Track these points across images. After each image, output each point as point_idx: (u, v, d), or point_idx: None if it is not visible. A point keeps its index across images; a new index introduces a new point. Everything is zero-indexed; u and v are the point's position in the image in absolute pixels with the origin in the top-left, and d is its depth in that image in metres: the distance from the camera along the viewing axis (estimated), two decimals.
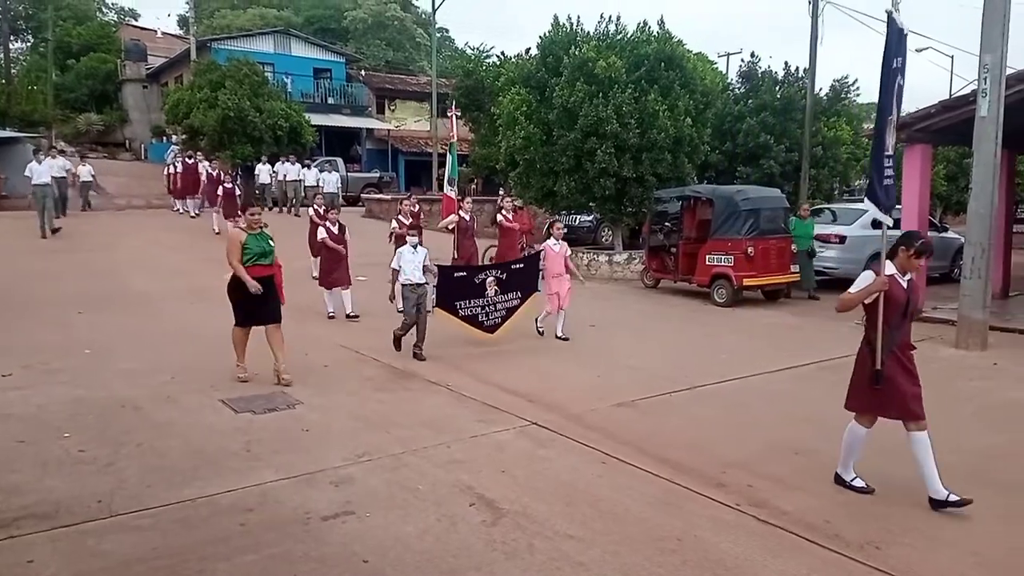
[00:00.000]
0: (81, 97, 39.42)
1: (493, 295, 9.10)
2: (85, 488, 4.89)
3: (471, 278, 9.10)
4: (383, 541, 4.28)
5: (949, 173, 23.52)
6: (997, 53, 9.25)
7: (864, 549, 4.31)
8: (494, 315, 9.17)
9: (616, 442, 6.00)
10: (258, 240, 7.29)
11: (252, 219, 7.31)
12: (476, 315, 9.03)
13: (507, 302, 9.29)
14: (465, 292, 8.92)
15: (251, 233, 7.28)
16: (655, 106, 15.14)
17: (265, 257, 7.29)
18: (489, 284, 9.08)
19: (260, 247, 7.26)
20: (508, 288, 9.26)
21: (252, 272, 7.15)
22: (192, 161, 22.06)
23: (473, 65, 30.27)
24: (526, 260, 10.01)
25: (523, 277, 9.51)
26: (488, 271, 9.41)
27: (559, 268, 9.74)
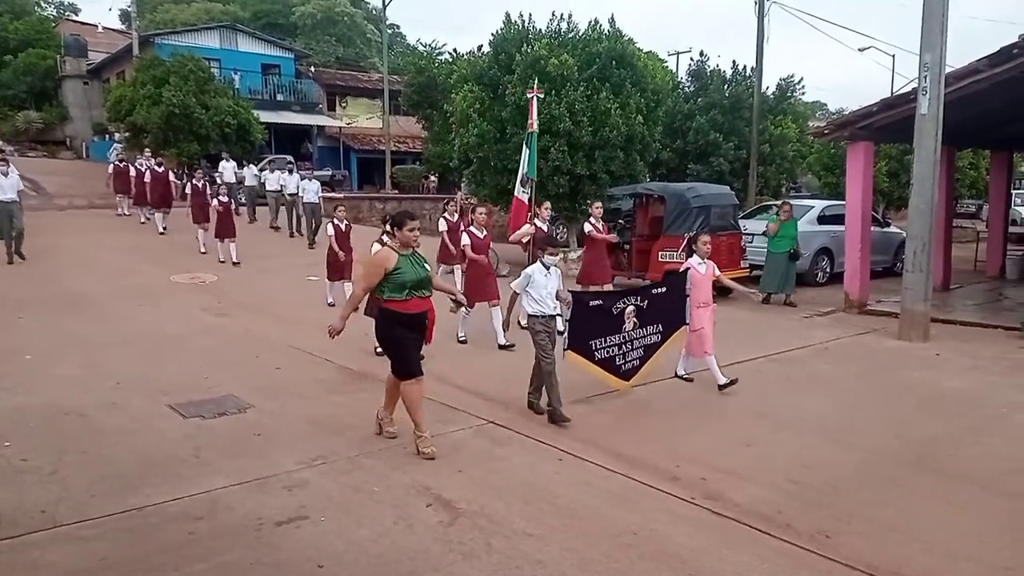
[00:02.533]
0: (19, 94, 38.10)
1: (631, 329, 7.11)
2: (28, 498, 4.72)
3: (608, 307, 7.02)
4: (338, 545, 4.22)
5: (891, 170, 24.20)
6: (937, 52, 9.53)
7: (815, 539, 4.41)
8: (631, 356, 7.18)
9: (572, 439, 6.02)
10: (413, 263, 5.55)
11: (410, 234, 5.54)
12: (613, 357, 7.03)
13: (646, 338, 7.29)
14: (602, 327, 6.93)
15: (403, 254, 5.53)
16: (607, 104, 15.25)
17: (422, 287, 5.59)
18: (628, 315, 7.08)
19: (416, 273, 5.52)
20: (648, 320, 7.28)
21: (408, 307, 5.50)
22: (163, 169, 19.32)
23: (425, 62, 30.15)
24: (670, 283, 7.80)
25: (667, 305, 7.48)
26: (627, 298, 7.21)
27: (705, 295, 7.62)
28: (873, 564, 4.11)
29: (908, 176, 12.06)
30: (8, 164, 13.90)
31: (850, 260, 12.31)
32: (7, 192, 13.55)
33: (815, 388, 7.83)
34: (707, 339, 7.43)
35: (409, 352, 5.57)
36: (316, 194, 17.97)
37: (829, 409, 7.02)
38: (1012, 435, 6.38)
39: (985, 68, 9.99)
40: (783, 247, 12.58)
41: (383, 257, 5.53)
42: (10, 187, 13.63)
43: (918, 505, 4.92)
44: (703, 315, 7.48)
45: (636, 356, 7.20)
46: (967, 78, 10.19)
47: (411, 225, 5.55)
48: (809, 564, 4.14)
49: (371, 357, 8.68)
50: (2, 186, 13.58)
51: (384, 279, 5.47)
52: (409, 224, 5.55)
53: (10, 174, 13.70)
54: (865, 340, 9.94)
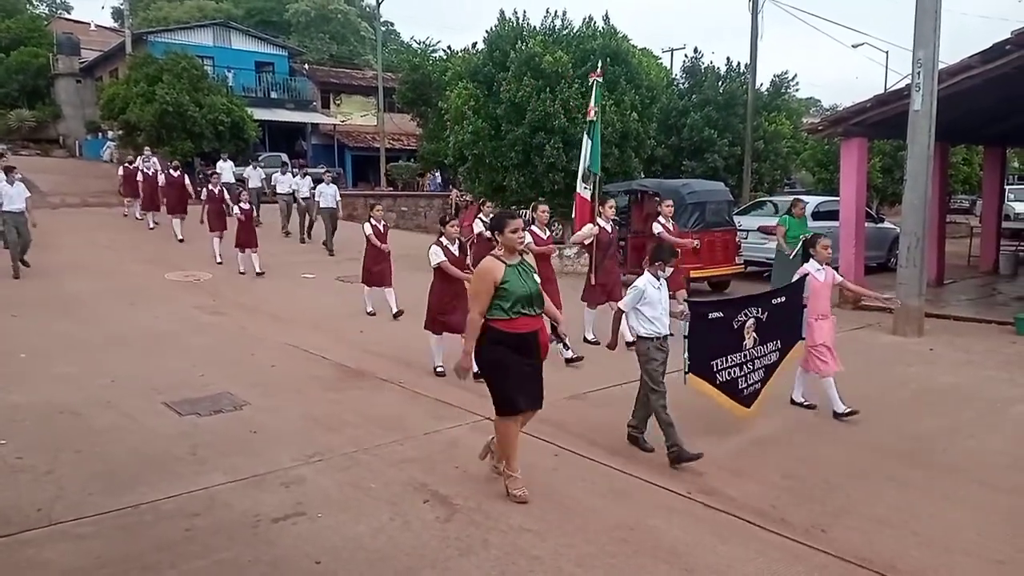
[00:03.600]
0: (12, 93, 37.90)
1: (752, 346, 6.14)
2: (23, 496, 4.71)
3: (729, 320, 5.99)
4: (336, 542, 4.22)
5: (885, 165, 24.27)
6: (930, 48, 9.56)
7: (810, 532, 4.43)
8: (753, 378, 6.19)
9: (569, 435, 6.04)
10: (521, 276, 4.73)
11: (514, 236, 4.70)
12: (736, 379, 6.05)
13: (766, 356, 6.31)
14: (723, 344, 5.98)
15: (510, 263, 4.71)
16: (601, 101, 15.24)
17: (532, 304, 4.75)
18: (748, 330, 6.09)
19: (525, 287, 4.70)
20: (768, 335, 6.28)
21: (514, 327, 4.68)
22: (178, 173, 18.09)
23: (419, 59, 30.13)
24: (788, 292, 6.71)
25: (785, 317, 6.48)
26: (748, 310, 6.16)
27: (824, 306, 6.69)
28: (868, 558, 4.13)
29: (902, 172, 12.09)
30: (16, 172, 12.95)
31: (844, 256, 12.34)
32: (15, 202, 12.51)
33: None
34: (828, 356, 6.55)
35: (511, 380, 4.69)
36: (334, 198, 16.91)
37: (823, 404, 7.03)
38: (1006, 430, 6.42)
39: (978, 64, 10.03)
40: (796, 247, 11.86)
41: (489, 269, 4.66)
42: (18, 197, 12.58)
43: (913, 500, 4.94)
44: (823, 329, 6.59)
45: (757, 378, 6.23)
46: (960, 74, 10.22)
47: (513, 226, 4.72)
48: (804, 558, 4.16)
49: (367, 354, 8.70)
50: (10, 196, 12.49)
51: None
52: (511, 225, 4.72)
53: (17, 183, 12.68)
54: (859, 335, 9.98)
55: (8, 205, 12.40)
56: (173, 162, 19.70)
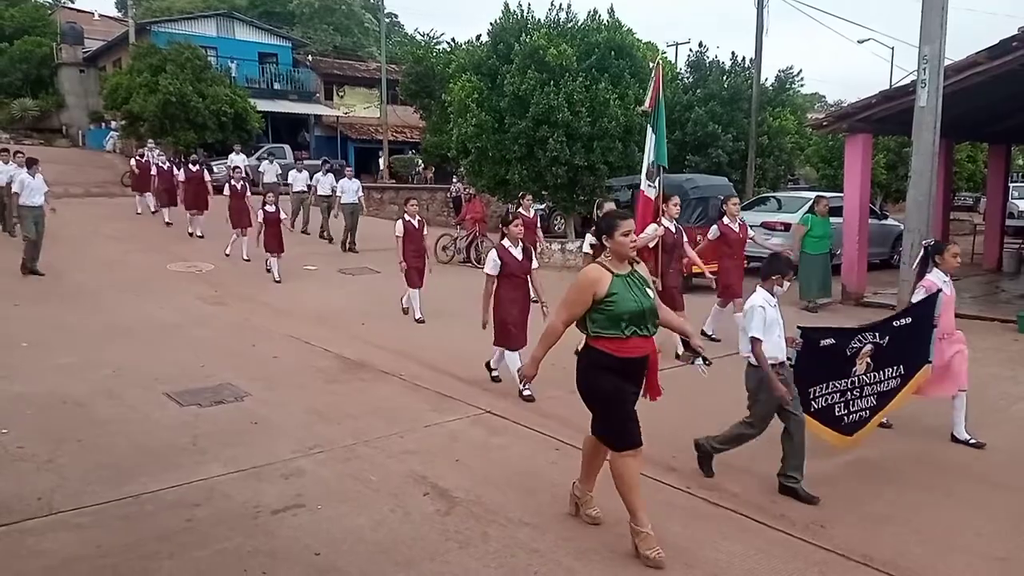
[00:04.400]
0: (15, 82, 37.83)
1: (863, 372, 5.46)
2: (24, 486, 4.72)
3: (842, 348, 5.34)
4: (335, 533, 4.23)
5: (889, 162, 24.21)
6: (936, 44, 9.51)
7: (810, 528, 4.42)
8: (858, 405, 5.50)
9: (570, 429, 6.01)
10: (631, 288, 3.99)
11: (625, 240, 3.99)
12: (832, 407, 5.38)
13: (881, 383, 5.61)
14: (826, 371, 5.35)
15: (618, 273, 3.99)
16: (606, 95, 15.23)
17: (644, 322, 3.99)
18: (862, 356, 5.42)
19: (637, 301, 3.96)
20: (887, 360, 5.57)
21: (624, 350, 3.96)
22: (197, 168, 17.15)
23: (423, 51, 30.04)
24: (917, 312, 5.84)
25: (911, 340, 5.72)
26: (865, 335, 5.45)
27: (950, 321, 5.99)
28: (868, 555, 4.13)
29: (906, 168, 12.06)
30: (38, 165, 12.25)
31: (847, 252, 12.32)
32: (35, 196, 11.82)
33: None
34: (957, 374, 5.88)
35: (623, 410, 4.02)
36: (356, 194, 16.16)
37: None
38: (1009, 427, 6.40)
39: (984, 61, 9.98)
40: (821, 248, 11.29)
41: (592, 278, 3.97)
42: (38, 190, 11.91)
43: (914, 497, 4.93)
44: (951, 347, 5.87)
45: (866, 405, 5.53)
46: (966, 71, 10.18)
47: (625, 228, 3.99)
48: (804, 554, 4.15)
49: (369, 346, 8.68)
50: (32, 189, 11.79)
51: (592, 308, 3.96)
52: (623, 227, 3.98)
53: (37, 176, 12.00)
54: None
55: (28, 199, 11.79)
56: (191, 155, 19.13)
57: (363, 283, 13.34)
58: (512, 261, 6.95)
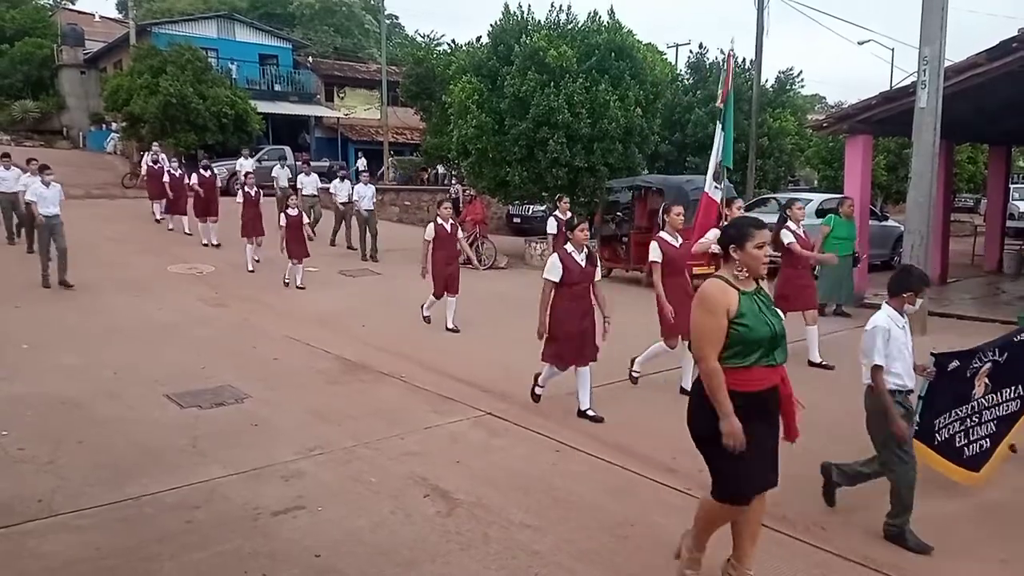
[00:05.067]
0: (16, 83, 37.88)
1: (982, 394, 4.92)
2: (25, 487, 4.72)
3: (963, 369, 4.77)
4: (336, 535, 4.23)
5: (889, 163, 24.20)
6: (936, 45, 9.51)
7: (811, 530, 4.42)
8: (977, 433, 4.95)
9: (570, 431, 6.03)
10: (758, 308, 3.48)
11: (759, 255, 3.45)
12: (953, 437, 4.84)
13: (1000, 406, 5.08)
14: (952, 396, 4.81)
15: (745, 291, 3.47)
16: (606, 96, 15.20)
17: (775, 349, 3.51)
18: (980, 377, 4.85)
19: (767, 326, 3.46)
20: (1006, 380, 5.05)
21: (751, 382, 3.43)
22: (209, 174, 16.45)
23: (423, 53, 30.00)
24: None
25: None
26: (984, 354, 4.86)
27: None
28: (870, 556, 4.12)
29: (906, 170, 12.04)
30: (50, 172, 11.60)
31: None
32: (49, 206, 11.24)
33: (812, 382, 7.83)
34: None
35: (743, 456, 3.36)
36: (372, 199, 15.59)
37: (826, 403, 7.00)
38: None
39: (984, 62, 9.98)
40: (845, 250, 10.52)
41: (718, 298, 3.41)
42: (52, 199, 11.33)
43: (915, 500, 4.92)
44: None
45: (985, 433, 4.99)
46: (966, 72, 10.17)
47: (759, 239, 3.44)
48: (805, 555, 4.15)
49: (369, 348, 8.68)
50: (44, 198, 11.24)
51: None
52: (756, 237, 3.44)
53: (53, 185, 11.43)
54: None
55: (43, 208, 11.18)
56: (201, 160, 18.46)
57: (363, 285, 13.34)
58: (576, 268, 6.20)
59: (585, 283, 6.31)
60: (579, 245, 6.33)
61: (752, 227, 3.49)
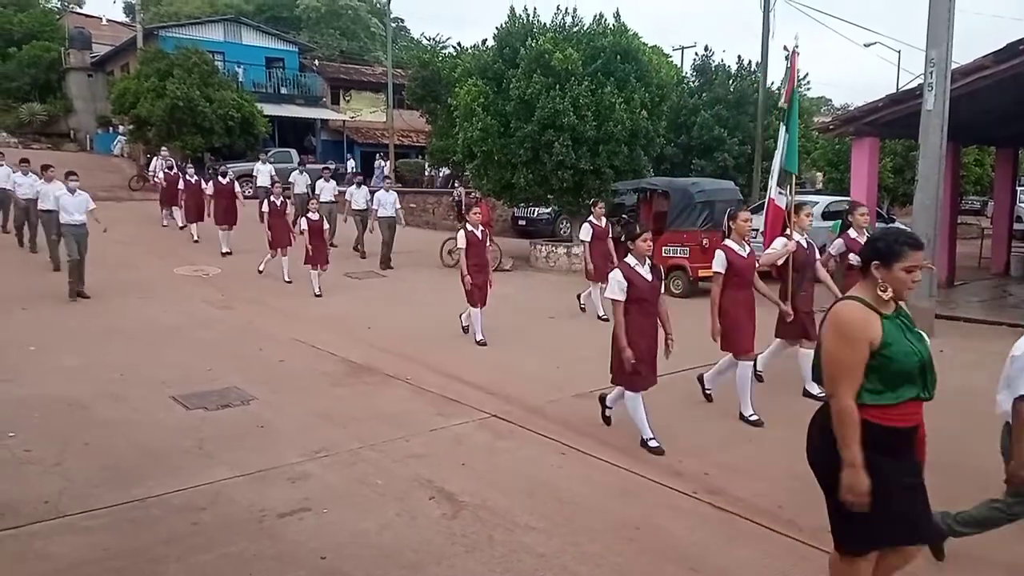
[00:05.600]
0: (23, 86, 38.07)
1: None
2: (31, 489, 4.73)
3: None
4: (341, 537, 4.23)
5: (896, 166, 24.13)
6: (943, 48, 9.48)
7: (817, 534, 4.39)
8: None
9: (575, 433, 6.02)
10: (906, 334, 3.01)
11: (907, 278, 2.98)
12: None
13: None
14: None
15: (886, 314, 3.00)
16: (611, 99, 15.19)
17: (926, 381, 3.05)
18: None
19: (916, 352, 2.99)
20: None
21: (895, 417, 2.96)
22: (227, 180, 15.88)
23: (429, 56, 30.06)
24: None
25: None
26: None
27: None
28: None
29: (913, 172, 12.01)
30: (75, 178, 11.12)
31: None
32: (74, 213, 10.77)
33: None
34: None
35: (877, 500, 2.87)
36: (394, 206, 15.20)
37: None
38: None
39: (991, 64, 9.95)
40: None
41: (860, 323, 2.93)
42: (77, 207, 10.84)
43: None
44: None
45: None
46: (973, 74, 10.15)
47: (910, 261, 2.96)
48: (813, 559, 4.13)
49: (375, 350, 8.69)
50: (67, 206, 10.76)
51: None
52: (907, 259, 2.95)
53: (79, 192, 10.95)
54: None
55: (67, 217, 10.76)
56: (221, 167, 17.83)
57: (369, 287, 13.36)
58: (641, 283, 5.62)
59: (653, 298, 5.71)
60: (642, 256, 5.72)
61: (907, 246, 2.97)
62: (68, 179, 11.02)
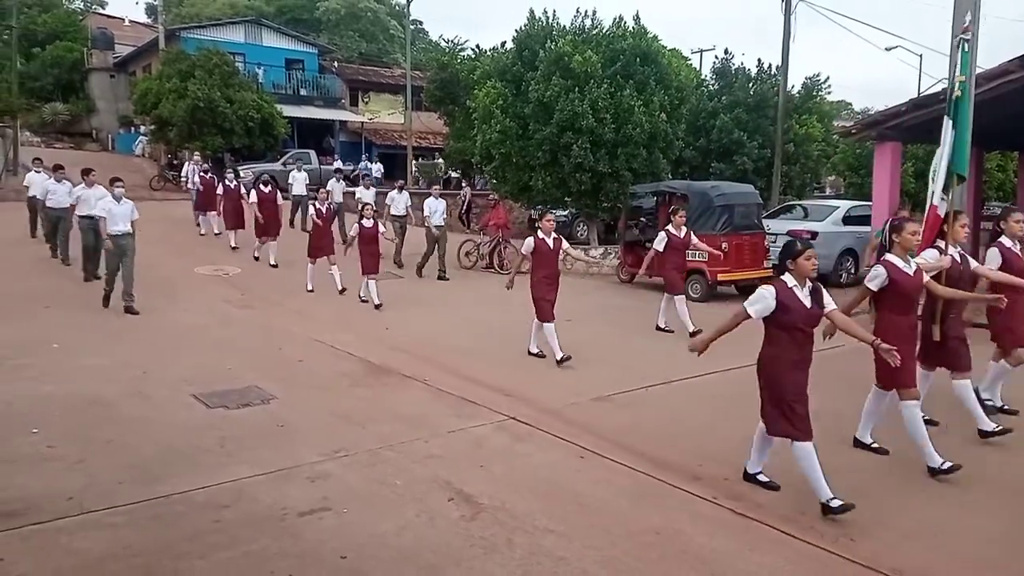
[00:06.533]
0: (47, 86, 38.59)
1: None
2: (55, 485, 4.79)
3: None
4: (361, 537, 4.25)
5: (918, 170, 23.87)
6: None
7: (839, 542, 4.36)
8: None
9: (594, 436, 6.01)
10: None
11: None
12: None
13: None
14: None
15: None
16: (631, 101, 15.20)
17: None
18: None
19: None
20: None
21: None
22: (269, 189, 14.70)
23: (448, 58, 30.21)
24: None
25: None
26: None
27: None
28: (898, 568, 4.06)
29: None
30: (120, 185, 10.56)
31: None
32: (119, 223, 10.10)
33: (837, 390, 7.74)
34: None
35: None
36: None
37: (851, 411, 6.93)
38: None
39: (1017, 69, 9.87)
40: None
41: None
42: (122, 216, 10.19)
43: (943, 511, 4.85)
44: None
45: None
46: (998, 79, 10.07)
47: None
48: (833, 567, 4.10)
49: (393, 351, 8.70)
50: (113, 215, 10.08)
51: None
52: None
53: (124, 200, 10.30)
54: None
55: (112, 226, 10.07)
56: (263, 175, 16.55)
57: (385, 288, 13.39)
58: (799, 309, 4.74)
59: (811, 328, 4.85)
60: (802, 277, 4.79)
61: None
62: (114, 186, 10.50)
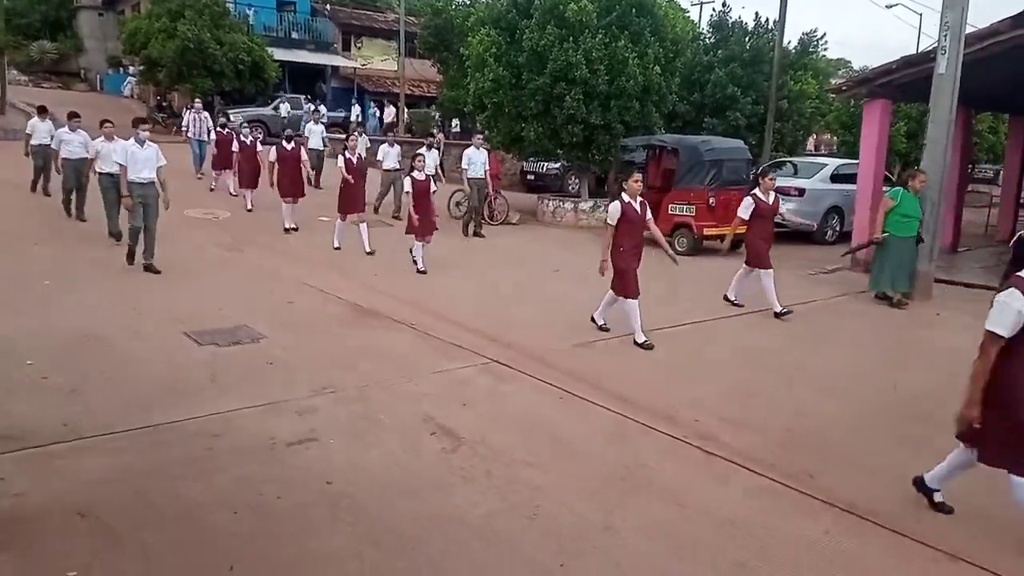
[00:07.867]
0: (34, 23, 37.73)
1: None
2: (50, 412, 4.96)
3: None
4: (346, 465, 4.46)
5: (909, 130, 23.93)
6: (958, 11, 9.42)
7: (798, 477, 4.61)
8: None
9: (574, 380, 6.21)
10: None
11: None
12: None
13: None
14: None
15: None
16: (625, 53, 15.10)
17: None
18: None
19: None
20: None
21: None
22: (292, 146, 13.05)
23: (442, 4, 29.67)
24: None
25: None
26: None
27: None
28: (852, 502, 4.31)
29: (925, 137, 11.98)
30: (144, 128, 9.50)
31: (859, 219, 12.31)
32: (142, 171, 9.12)
33: (817, 343, 7.98)
34: None
35: None
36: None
37: (829, 363, 7.17)
38: None
39: (1007, 30, 9.86)
40: (909, 230, 9.49)
41: None
42: (145, 162, 9.16)
43: (903, 452, 5.09)
44: None
45: None
46: (988, 39, 10.07)
47: None
48: (792, 500, 4.35)
49: (381, 296, 8.86)
50: (137, 160, 9.09)
51: None
52: None
53: (148, 144, 9.26)
54: (868, 297, 10.05)
55: (134, 173, 9.09)
56: (286, 131, 15.28)
57: (374, 235, 13.47)
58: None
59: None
60: None
61: None
62: (139, 128, 9.35)
